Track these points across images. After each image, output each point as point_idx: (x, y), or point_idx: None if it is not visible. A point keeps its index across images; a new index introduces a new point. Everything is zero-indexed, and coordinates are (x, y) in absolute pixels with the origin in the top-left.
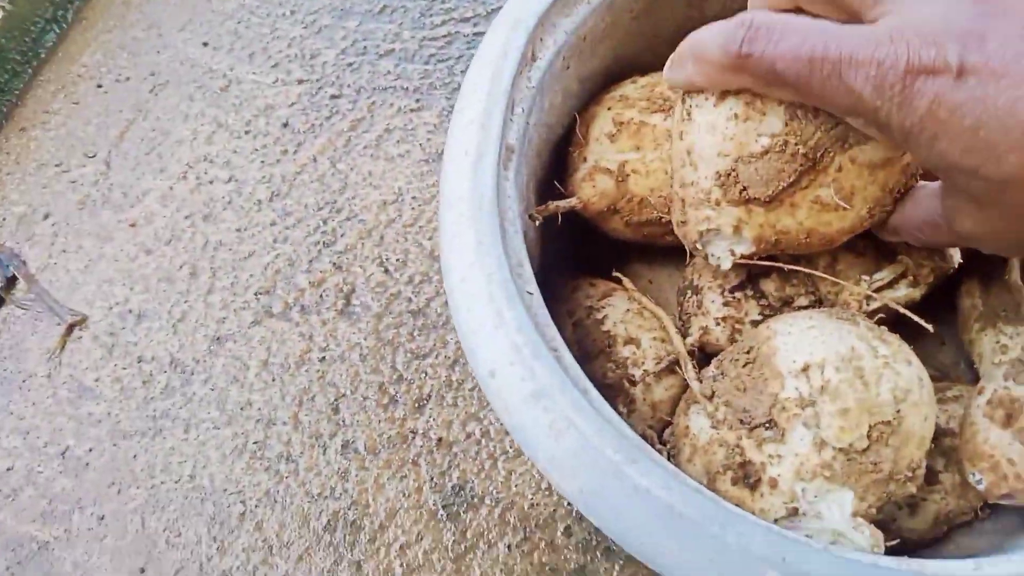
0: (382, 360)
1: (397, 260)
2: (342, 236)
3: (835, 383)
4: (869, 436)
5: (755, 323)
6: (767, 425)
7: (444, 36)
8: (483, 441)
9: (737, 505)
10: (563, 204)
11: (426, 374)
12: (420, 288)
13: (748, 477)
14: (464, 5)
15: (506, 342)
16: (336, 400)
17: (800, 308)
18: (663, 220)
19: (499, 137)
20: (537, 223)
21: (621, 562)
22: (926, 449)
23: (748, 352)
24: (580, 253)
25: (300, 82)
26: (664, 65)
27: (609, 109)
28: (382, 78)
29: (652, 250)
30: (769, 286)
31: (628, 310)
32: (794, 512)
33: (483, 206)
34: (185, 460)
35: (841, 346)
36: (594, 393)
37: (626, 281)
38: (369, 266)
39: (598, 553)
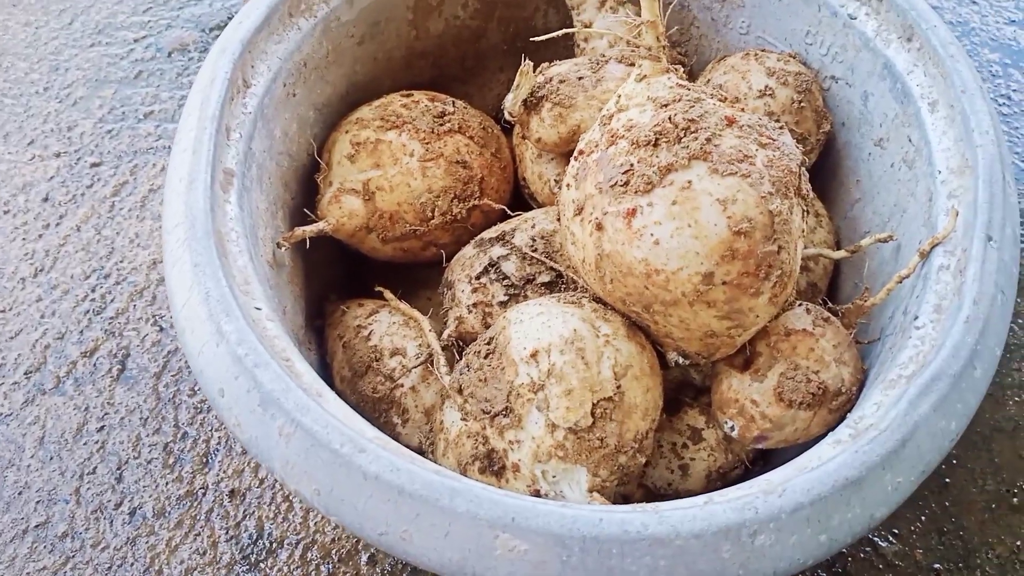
0: (164, 420)
1: (172, 317)
2: (112, 301)
3: (559, 365)
4: (593, 413)
5: (502, 304)
6: (505, 412)
7: None
8: (277, 485)
9: None
10: (309, 229)
11: (212, 427)
12: None
13: (493, 464)
14: None
15: (228, 357)
16: (119, 468)
17: (542, 284)
18: (418, 232)
19: (210, 161)
20: (284, 248)
21: None
22: (653, 419)
23: (489, 343)
24: (364, 284)
25: (58, 155)
26: (403, 87)
27: (346, 132)
28: (143, 140)
29: (430, 270)
30: (510, 267)
31: (393, 322)
32: (537, 494)
33: (197, 228)
34: None
35: (564, 329)
36: (330, 396)
37: (386, 292)
38: (143, 327)
39: None
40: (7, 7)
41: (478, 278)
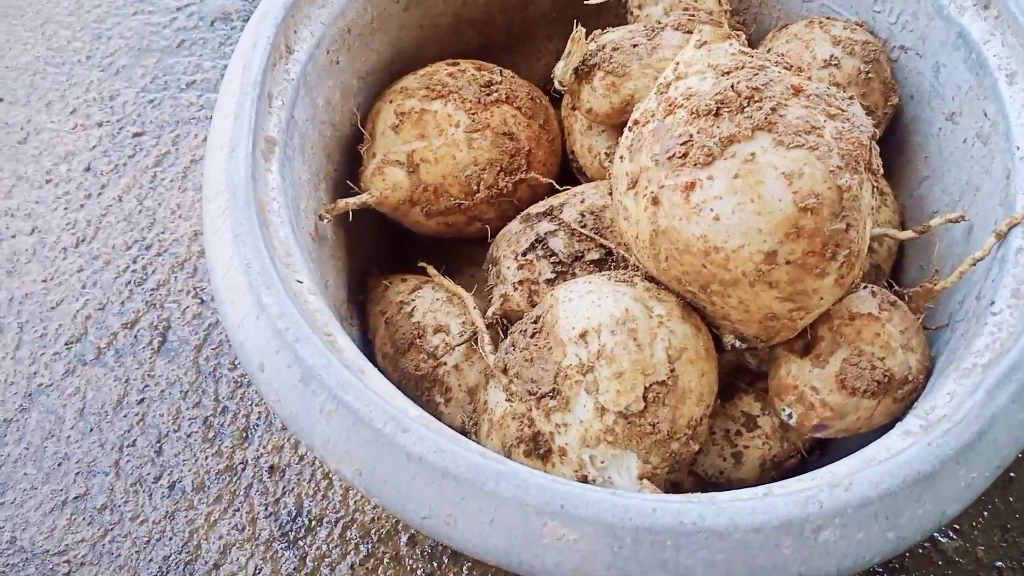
0: (204, 393)
1: (212, 288)
2: (154, 273)
3: (610, 347)
4: (645, 398)
5: (549, 282)
6: (552, 394)
7: None
8: (316, 462)
9: None
10: (353, 201)
11: (252, 401)
12: None
13: (539, 448)
14: None
15: (269, 330)
16: (159, 441)
17: (591, 262)
18: (462, 206)
19: (252, 128)
20: (326, 221)
21: (468, 564)
22: (707, 405)
23: (536, 322)
24: (407, 259)
25: (100, 125)
26: (448, 56)
27: (391, 102)
28: (185, 110)
29: (475, 245)
30: (558, 244)
31: (437, 299)
32: (584, 480)
33: (238, 197)
34: (3, 524)
35: (616, 309)
36: (372, 372)
37: (429, 268)
38: (184, 299)
39: (444, 559)
40: None
41: (524, 254)
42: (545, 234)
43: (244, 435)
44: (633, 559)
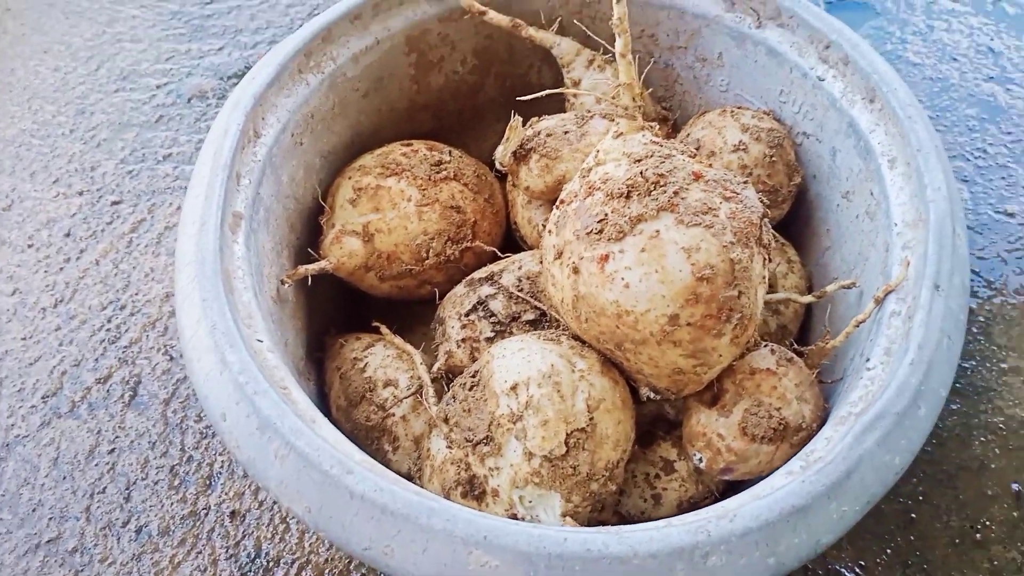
0: (171, 444)
1: (181, 347)
2: (127, 331)
3: (537, 398)
4: (567, 443)
5: (489, 340)
6: (486, 441)
7: None
8: (275, 507)
9: None
10: (312, 267)
11: (216, 451)
12: None
13: (475, 489)
14: None
15: (231, 384)
16: (128, 488)
17: (527, 322)
18: (413, 271)
19: (220, 206)
20: (287, 285)
21: None
22: (624, 450)
23: (474, 376)
24: (364, 319)
25: (81, 193)
26: (404, 136)
27: (349, 179)
28: (161, 181)
29: (426, 306)
30: (497, 306)
31: (388, 355)
32: (514, 518)
33: (206, 267)
34: None
35: (543, 364)
36: (322, 421)
37: (382, 327)
38: (155, 356)
39: None
40: (38, 53)
41: (467, 315)
42: (486, 297)
43: (208, 482)
44: None
